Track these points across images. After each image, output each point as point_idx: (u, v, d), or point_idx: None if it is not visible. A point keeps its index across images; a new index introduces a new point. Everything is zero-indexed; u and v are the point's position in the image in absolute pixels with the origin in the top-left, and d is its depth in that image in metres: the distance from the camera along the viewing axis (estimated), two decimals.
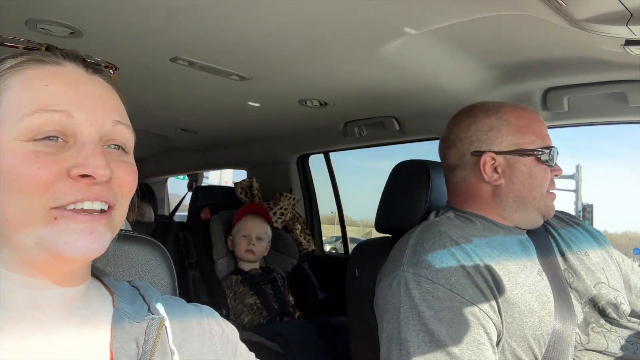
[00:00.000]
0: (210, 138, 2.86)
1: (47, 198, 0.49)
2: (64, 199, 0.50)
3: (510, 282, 0.99)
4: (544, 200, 1.11)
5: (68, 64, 0.56)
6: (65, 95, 0.53)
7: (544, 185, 1.11)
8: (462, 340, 0.91)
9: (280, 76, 1.58)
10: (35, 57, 0.55)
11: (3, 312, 0.51)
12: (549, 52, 1.29)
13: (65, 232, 0.50)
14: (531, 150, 1.09)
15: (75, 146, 0.51)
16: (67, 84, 0.54)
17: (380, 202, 1.38)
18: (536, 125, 1.12)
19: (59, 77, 0.54)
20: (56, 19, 1.19)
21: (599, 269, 1.11)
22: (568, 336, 0.97)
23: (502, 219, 1.12)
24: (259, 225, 2.39)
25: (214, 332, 0.67)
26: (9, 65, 0.53)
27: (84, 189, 0.51)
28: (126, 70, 1.55)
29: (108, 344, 0.57)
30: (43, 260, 0.52)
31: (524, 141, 1.10)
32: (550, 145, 1.11)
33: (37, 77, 0.53)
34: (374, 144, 2.30)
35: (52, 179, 0.49)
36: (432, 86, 1.59)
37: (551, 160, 1.10)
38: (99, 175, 0.51)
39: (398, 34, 1.19)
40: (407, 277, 0.99)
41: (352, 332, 1.34)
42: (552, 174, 1.12)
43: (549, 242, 1.13)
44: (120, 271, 0.81)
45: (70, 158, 0.50)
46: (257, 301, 2.23)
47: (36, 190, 0.49)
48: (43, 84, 0.52)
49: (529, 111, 1.16)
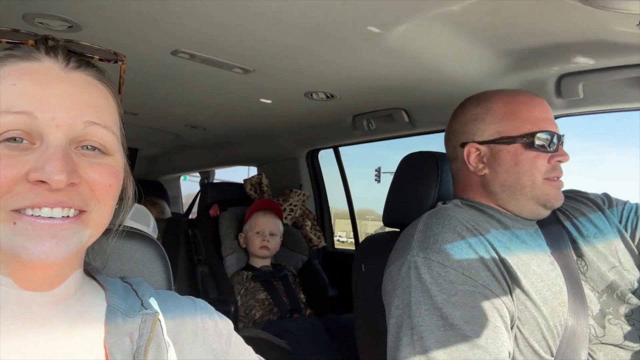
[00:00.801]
0: (219, 135, 2.86)
1: (5, 201, 0.48)
2: (21, 203, 0.48)
3: (521, 269, 0.96)
4: (538, 188, 1.05)
5: (46, 60, 0.54)
6: (30, 94, 0.50)
7: (535, 173, 1.04)
8: (478, 323, 0.88)
9: (284, 68, 1.55)
10: (13, 53, 0.53)
11: None
12: (562, 36, 1.24)
13: (24, 236, 0.49)
14: (514, 137, 1.05)
15: (40, 148, 0.49)
16: (33, 83, 0.51)
17: (388, 195, 1.34)
18: (525, 110, 1.06)
19: (28, 75, 0.52)
20: (54, 13, 1.18)
21: (611, 251, 1.07)
22: (582, 332, 0.94)
23: (502, 209, 1.09)
24: (271, 221, 2.38)
25: (207, 325, 0.67)
26: None
27: (41, 194, 0.48)
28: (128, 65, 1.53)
29: (102, 340, 0.56)
30: (11, 263, 0.51)
31: (508, 128, 1.06)
32: (544, 130, 1.04)
33: (8, 74, 0.51)
34: (384, 137, 2.26)
35: (9, 182, 0.48)
36: (440, 75, 1.54)
37: (548, 145, 1.04)
38: (54, 182, 0.48)
39: (401, 20, 1.15)
40: (417, 261, 0.96)
41: (358, 328, 1.31)
42: (554, 159, 1.05)
43: (561, 233, 1.08)
44: (114, 267, 0.79)
45: (31, 161, 0.48)
46: (268, 297, 2.22)
47: None
48: (11, 83, 0.50)
49: (521, 96, 1.10)
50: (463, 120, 1.14)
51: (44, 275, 0.54)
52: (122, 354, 0.56)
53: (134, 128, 2.79)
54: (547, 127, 1.05)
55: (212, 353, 0.65)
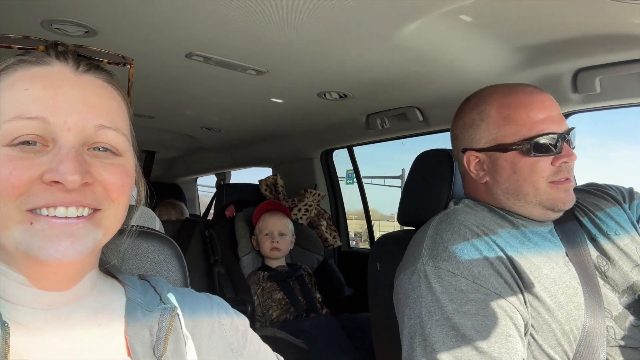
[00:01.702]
0: (234, 136, 2.88)
1: (21, 201, 0.49)
2: (37, 202, 0.50)
3: (533, 274, 0.93)
4: (542, 193, 0.99)
5: (57, 64, 0.55)
6: (42, 99, 0.51)
7: (537, 179, 0.99)
8: (490, 333, 0.86)
9: (297, 69, 1.55)
10: (25, 59, 0.54)
11: (14, 307, 0.53)
12: (578, 30, 1.22)
13: (41, 236, 0.50)
14: (510, 145, 1.00)
15: (53, 150, 0.51)
16: (45, 87, 0.52)
17: (402, 194, 1.34)
18: (521, 113, 1.00)
19: (40, 80, 0.53)
20: (70, 19, 1.20)
21: (634, 249, 1.02)
22: (600, 332, 0.90)
23: (512, 212, 1.05)
24: (279, 221, 2.39)
25: (223, 321, 0.68)
26: (2, 67, 0.53)
27: (56, 194, 0.50)
28: (143, 68, 1.56)
29: (122, 332, 0.58)
30: (27, 263, 0.52)
31: (504, 134, 1.01)
32: (542, 133, 0.97)
33: (20, 79, 0.52)
34: (398, 136, 2.25)
35: (24, 184, 0.49)
36: (454, 72, 1.53)
37: (549, 148, 0.98)
38: (68, 182, 0.49)
39: (414, 16, 1.14)
40: (427, 270, 0.94)
41: (374, 327, 1.31)
42: (558, 161, 0.98)
43: (577, 230, 1.05)
44: (132, 266, 0.81)
45: (45, 163, 0.50)
46: (284, 296, 2.23)
47: (10, 194, 0.49)
48: (23, 88, 0.52)
49: (518, 96, 1.02)
50: (461, 125, 1.10)
51: (60, 275, 0.55)
52: (142, 346, 0.57)
53: (150, 131, 2.83)
54: (547, 128, 0.98)
55: (229, 347, 0.66)
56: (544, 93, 1.04)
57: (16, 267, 0.53)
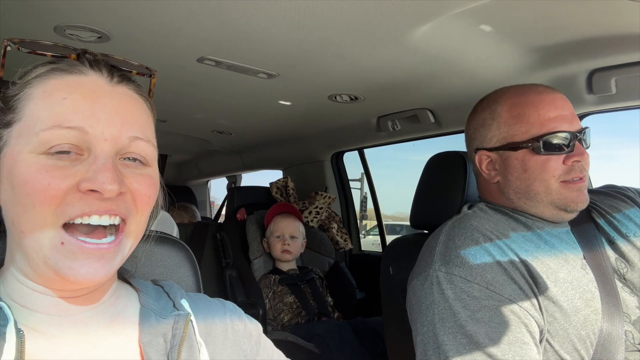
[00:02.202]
0: (245, 139, 2.89)
1: (57, 213, 0.50)
2: (73, 212, 0.50)
3: (550, 278, 0.91)
4: (554, 193, 0.98)
5: (92, 74, 0.55)
6: (81, 109, 0.52)
7: (547, 178, 0.98)
8: (504, 340, 0.84)
9: (308, 71, 1.55)
10: (59, 67, 0.54)
11: (30, 313, 0.53)
12: (594, 30, 1.20)
13: (71, 258, 0.50)
14: (520, 143, 0.99)
15: (88, 159, 0.51)
16: (84, 97, 0.53)
17: (415, 197, 1.33)
18: (532, 112, 0.99)
19: (77, 89, 0.53)
20: (84, 24, 1.21)
21: None
22: (618, 336, 0.88)
23: (525, 212, 1.04)
24: (290, 224, 2.38)
25: (237, 327, 0.68)
26: (35, 74, 0.54)
27: (92, 203, 0.50)
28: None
29: (137, 340, 0.58)
30: (52, 277, 0.53)
31: (515, 133, 1.01)
32: (553, 131, 0.97)
33: (57, 88, 0.53)
34: (409, 138, 2.23)
35: (61, 193, 0.50)
36: (467, 73, 1.52)
37: (561, 147, 0.97)
38: (106, 191, 0.50)
39: (426, 18, 1.13)
40: (440, 276, 0.93)
41: (387, 331, 1.29)
42: (569, 160, 0.97)
43: (594, 232, 1.02)
44: (145, 271, 0.81)
45: (81, 172, 0.50)
46: (295, 300, 2.22)
47: (46, 204, 0.49)
48: (61, 97, 0.52)
49: (529, 95, 1.02)
50: (474, 125, 1.10)
51: (84, 290, 0.56)
52: (156, 353, 0.57)
53: (162, 135, 2.82)
54: (558, 126, 0.97)
55: (242, 353, 0.66)
56: (556, 92, 1.03)
57: (38, 276, 0.54)
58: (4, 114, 0.53)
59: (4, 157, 0.52)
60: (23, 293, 0.54)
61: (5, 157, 0.52)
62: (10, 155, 0.51)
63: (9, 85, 0.54)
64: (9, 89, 0.54)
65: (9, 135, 0.52)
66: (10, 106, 0.53)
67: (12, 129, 0.52)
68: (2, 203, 0.53)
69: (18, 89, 0.53)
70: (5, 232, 0.56)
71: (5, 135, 0.53)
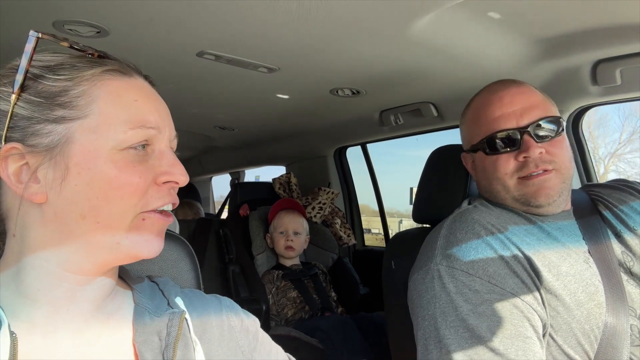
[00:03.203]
0: (248, 135, 2.88)
1: (141, 203, 0.54)
2: (154, 204, 0.55)
3: (552, 272, 0.90)
4: (512, 190, 0.99)
5: (136, 76, 0.59)
6: (155, 111, 0.57)
7: (502, 177, 0.99)
8: (506, 334, 0.84)
9: (308, 65, 1.54)
10: (112, 68, 0.57)
11: (37, 306, 0.53)
12: (597, 21, 1.18)
13: (149, 233, 0.56)
14: (476, 145, 1.04)
15: (154, 154, 0.56)
16: (148, 99, 0.58)
17: (417, 191, 1.32)
18: (483, 113, 1.02)
19: (140, 91, 0.57)
20: (82, 19, 1.20)
21: None
22: (623, 331, 0.87)
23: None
24: (294, 220, 2.38)
25: (233, 323, 0.68)
26: (92, 73, 0.55)
27: (167, 194, 0.57)
28: (154, 68, 1.56)
29: (130, 339, 0.58)
30: (112, 259, 0.56)
31: (473, 135, 1.05)
32: (496, 130, 0.98)
33: (122, 89, 0.56)
34: (412, 132, 2.22)
35: (147, 186, 0.54)
36: (469, 66, 1.50)
37: (508, 145, 0.98)
38: (182, 182, 0.57)
39: (427, 10, 1.12)
40: (441, 270, 0.92)
41: (389, 326, 1.29)
42: (520, 156, 0.97)
43: (600, 225, 1.00)
44: (144, 266, 0.81)
45: (155, 166, 0.56)
46: (299, 295, 2.22)
47: (135, 196, 0.53)
48: (132, 98, 0.56)
49: (485, 95, 1.05)
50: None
51: (113, 267, 0.59)
52: (151, 352, 0.57)
53: None
54: (501, 125, 0.98)
55: (239, 350, 0.66)
56: (508, 88, 1.02)
57: (72, 265, 0.54)
58: (49, 109, 0.52)
59: (72, 153, 0.52)
60: (41, 285, 0.54)
61: (75, 153, 0.52)
62: (85, 152, 0.52)
63: (36, 79, 0.53)
64: (42, 84, 0.53)
65: (69, 132, 0.52)
66: (61, 102, 0.52)
67: (72, 125, 0.52)
68: (64, 198, 0.52)
69: (67, 85, 0.53)
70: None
71: (58, 130, 0.52)
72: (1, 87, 0.53)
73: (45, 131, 0.52)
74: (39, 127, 0.52)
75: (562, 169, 0.98)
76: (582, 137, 1.67)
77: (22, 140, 0.52)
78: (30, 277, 0.54)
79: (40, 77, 0.53)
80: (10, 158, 0.52)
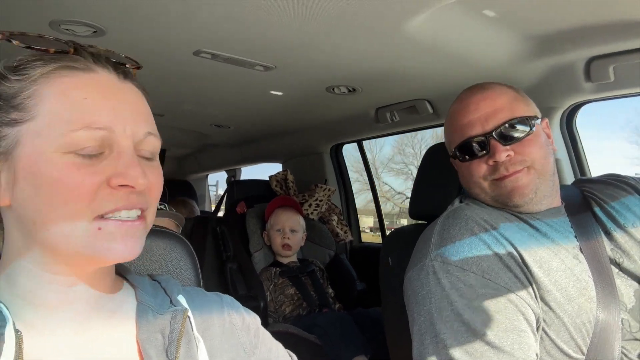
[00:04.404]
0: (244, 132, 2.88)
1: (91, 208, 0.50)
2: (105, 207, 0.51)
3: (542, 267, 0.91)
4: (489, 192, 1.02)
5: (100, 70, 0.55)
6: (105, 109, 0.52)
7: (477, 180, 1.02)
8: (501, 328, 0.85)
9: (305, 63, 1.54)
10: (66, 64, 0.53)
11: (33, 308, 0.54)
12: (591, 17, 1.19)
13: (109, 240, 0.52)
14: (452, 151, 1.07)
15: (111, 155, 0.52)
16: (104, 96, 0.53)
17: (414, 188, 1.33)
18: (454, 121, 1.04)
19: (94, 87, 0.53)
20: (79, 19, 1.20)
21: None
22: (614, 325, 0.89)
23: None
24: (291, 217, 2.38)
25: (234, 320, 0.68)
26: (41, 72, 0.52)
27: (123, 197, 0.52)
28: (151, 66, 1.56)
29: (134, 337, 0.58)
30: (80, 262, 0.54)
31: (450, 143, 1.07)
32: (465, 138, 1.01)
33: (72, 86, 0.52)
34: (408, 129, 2.23)
35: (94, 189, 0.50)
36: (464, 63, 1.51)
37: (476, 150, 1.00)
38: (139, 185, 0.52)
39: (422, 7, 1.13)
40: (435, 266, 0.93)
41: (386, 321, 1.30)
42: (490, 161, 0.98)
43: (591, 222, 1.02)
44: (144, 265, 0.81)
45: (109, 168, 0.51)
46: (296, 292, 2.23)
47: (81, 200, 0.50)
48: (82, 96, 0.51)
49: (455, 105, 1.07)
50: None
51: (100, 269, 0.57)
52: (155, 349, 0.57)
53: (161, 129, 2.75)
54: (468, 132, 1.00)
55: (241, 347, 0.66)
56: (475, 95, 1.04)
57: (52, 267, 0.54)
58: (5, 112, 0.51)
59: (19, 157, 0.50)
60: (32, 286, 0.54)
61: (21, 157, 0.50)
62: (29, 155, 0.50)
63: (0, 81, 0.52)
64: (2, 86, 0.52)
65: (18, 134, 0.50)
66: (15, 104, 0.51)
67: (21, 127, 0.50)
68: (17, 203, 0.51)
69: (21, 86, 0.51)
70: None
71: (11, 133, 0.50)
72: None
73: (2, 135, 0.51)
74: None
75: (536, 166, 0.98)
76: (576, 133, 1.69)
77: None
78: (21, 280, 0.54)
79: (3, 79, 0.52)
80: None
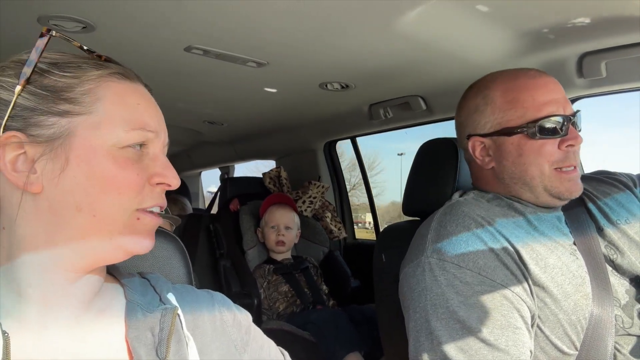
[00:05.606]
0: (237, 129, 2.87)
1: (137, 200, 0.56)
2: (147, 203, 0.57)
3: (539, 264, 0.92)
4: (547, 179, 0.98)
5: (138, 82, 0.62)
6: (154, 116, 0.60)
7: (542, 162, 0.98)
8: (496, 325, 0.85)
9: (297, 60, 1.54)
10: (117, 72, 0.59)
11: (28, 304, 0.54)
12: (582, 13, 1.19)
13: (141, 231, 0.58)
14: (515, 128, 0.99)
15: (148, 156, 0.59)
16: (149, 104, 0.61)
17: (407, 184, 1.33)
18: (526, 96, 0.99)
19: (142, 96, 0.60)
20: (68, 14, 1.19)
21: None
22: (608, 321, 0.89)
23: (520, 198, 1.04)
24: (285, 214, 2.38)
25: (225, 318, 0.68)
26: (98, 74, 0.57)
27: (159, 195, 0.59)
28: (142, 63, 1.55)
29: (123, 335, 0.58)
30: (104, 254, 0.57)
31: (510, 118, 1.00)
32: (547, 115, 0.96)
33: (126, 92, 0.59)
34: (401, 125, 2.23)
35: (143, 183, 0.57)
36: (457, 59, 1.51)
37: (555, 131, 0.96)
38: (174, 185, 0.60)
39: (415, 3, 1.12)
40: (432, 262, 0.93)
41: (380, 318, 1.30)
42: (564, 144, 0.97)
43: (585, 218, 1.03)
44: (135, 263, 0.81)
45: (150, 167, 0.58)
46: (290, 289, 2.23)
47: (132, 192, 0.56)
48: (135, 102, 0.59)
49: (522, 80, 1.02)
50: (465, 111, 1.10)
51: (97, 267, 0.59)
52: (144, 348, 0.57)
53: None
54: (553, 111, 0.97)
55: (232, 344, 0.66)
56: (548, 76, 1.03)
57: (67, 260, 0.55)
58: (54, 103, 0.54)
59: (72, 146, 0.54)
60: (34, 281, 0.54)
61: (76, 146, 0.54)
62: (85, 146, 0.54)
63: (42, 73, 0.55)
64: (47, 79, 0.55)
65: (71, 125, 0.54)
66: (66, 97, 0.54)
67: (75, 119, 0.54)
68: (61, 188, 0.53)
69: (73, 82, 0.55)
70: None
71: (61, 123, 0.54)
72: (5, 77, 0.54)
73: (48, 123, 0.53)
74: (42, 118, 0.53)
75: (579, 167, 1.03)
76: None
77: (23, 129, 0.53)
78: (21, 273, 0.54)
79: (46, 72, 0.55)
80: (9, 146, 0.53)
